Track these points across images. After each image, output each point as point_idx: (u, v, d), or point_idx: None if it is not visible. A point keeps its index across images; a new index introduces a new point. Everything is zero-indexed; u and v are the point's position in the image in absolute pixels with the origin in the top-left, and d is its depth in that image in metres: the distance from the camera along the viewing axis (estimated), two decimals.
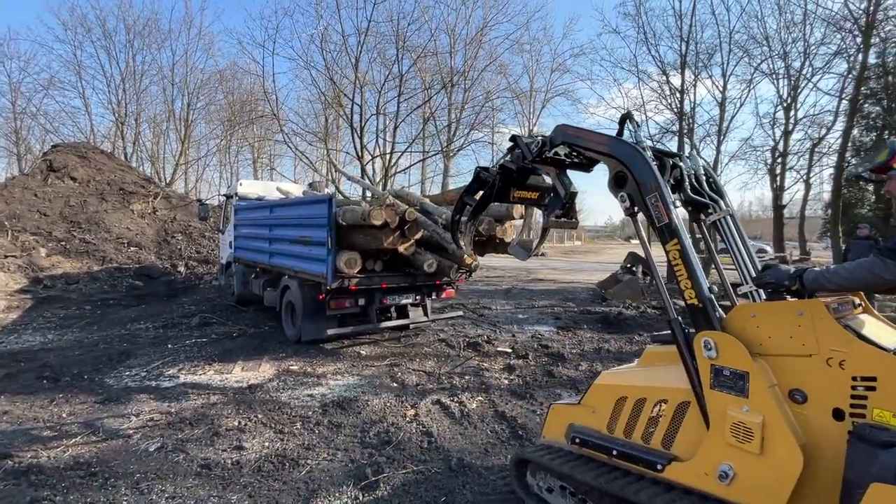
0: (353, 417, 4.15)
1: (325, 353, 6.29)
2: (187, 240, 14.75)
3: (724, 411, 1.83)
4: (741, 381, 1.80)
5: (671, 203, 2.01)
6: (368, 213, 5.00)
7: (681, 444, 2.03)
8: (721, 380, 1.85)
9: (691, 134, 16.63)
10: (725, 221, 2.24)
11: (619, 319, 8.76)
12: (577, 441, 2.35)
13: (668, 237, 1.98)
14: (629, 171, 2.08)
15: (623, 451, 2.17)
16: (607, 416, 2.30)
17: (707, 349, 1.88)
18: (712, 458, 1.86)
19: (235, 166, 35.58)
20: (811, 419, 1.71)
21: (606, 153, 2.18)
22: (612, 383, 2.39)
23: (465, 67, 20.68)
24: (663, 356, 2.28)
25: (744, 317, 1.89)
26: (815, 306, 1.73)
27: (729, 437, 1.81)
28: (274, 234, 7.33)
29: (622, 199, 2.13)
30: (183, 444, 3.59)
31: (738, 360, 1.81)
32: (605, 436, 2.29)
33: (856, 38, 14.67)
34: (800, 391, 1.74)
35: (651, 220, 2.03)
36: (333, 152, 22.19)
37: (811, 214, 23.54)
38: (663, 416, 2.11)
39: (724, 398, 1.84)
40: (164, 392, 4.75)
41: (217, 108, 30.24)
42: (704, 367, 1.90)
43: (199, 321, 7.91)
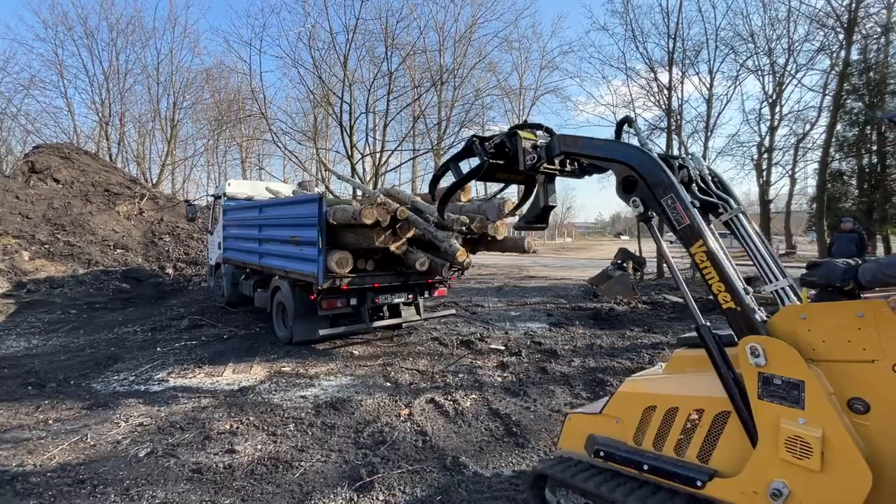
0: (346, 418, 4.12)
1: (318, 353, 6.24)
2: (175, 241, 14.55)
3: (776, 424, 1.67)
4: (795, 391, 1.65)
5: (689, 203, 1.89)
6: (359, 212, 4.96)
7: (720, 459, 1.87)
8: (771, 389, 1.70)
9: (679, 131, 16.79)
10: (738, 220, 2.12)
11: (611, 315, 8.84)
12: (601, 454, 2.18)
13: (691, 239, 1.85)
14: (638, 175, 1.98)
15: (656, 466, 2.00)
16: (634, 427, 2.13)
17: (754, 356, 1.72)
18: (763, 474, 1.71)
19: (223, 166, 35.24)
20: (874, 430, 1.58)
21: (612, 158, 2.09)
22: (639, 391, 2.21)
23: (454, 65, 20.66)
24: (694, 361, 2.10)
25: (793, 319, 1.71)
26: (878, 307, 1.58)
27: (783, 452, 1.65)
28: (264, 234, 7.26)
29: (634, 203, 2.00)
30: (173, 448, 3.53)
31: (792, 367, 1.65)
32: (633, 448, 2.12)
33: (838, 35, 14.92)
34: (861, 400, 1.60)
35: (670, 223, 1.90)
36: (323, 151, 22.02)
37: (796, 209, 23.96)
38: (700, 427, 1.95)
39: (776, 409, 1.68)
40: (153, 396, 4.68)
41: (204, 108, 29.92)
42: (751, 376, 1.74)
43: (188, 323, 7.80)
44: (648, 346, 6.65)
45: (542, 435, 3.81)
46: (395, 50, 17.63)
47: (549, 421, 4.11)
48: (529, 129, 2.38)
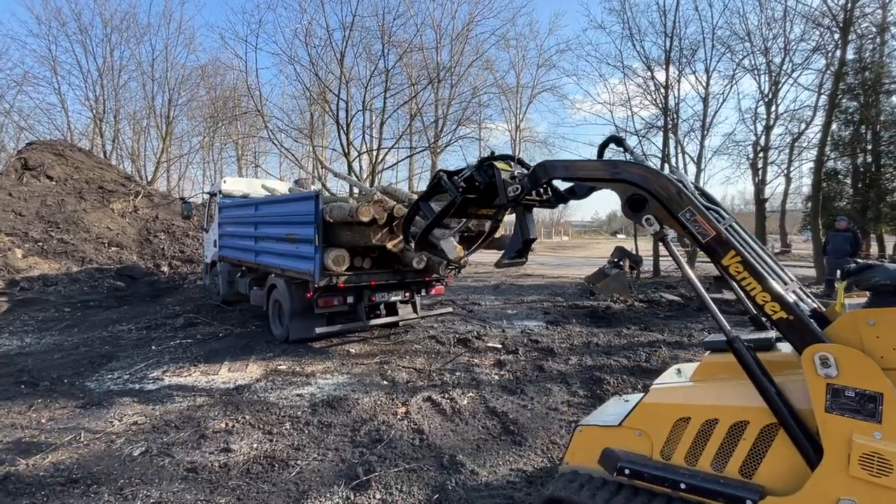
0: (343, 416, 4.10)
1: (314, 352, 6.22)
2: (170, 239, 14.46)
3: (847, 439, 1.57)
4: (871, 404, 1.55)
5: (709, 213, 1.80)
6: (356, 210, 4.93)
7: (767, 474, 1.76)
8: (842, 402, 1.59)
9: (676, 129, 16.82)
10: (733, 228, 2.06)
11: (608, 313, 8.85)
12: (626, 472, 1.99)
13: (721, 251, 1.75)
14: (648, 192, 1.87)
15: (695, 485, 1.83)
16: (662, 440, 1.97)
17: (825, 366, 1.61)
18: (829, 492, 1.60)
19: (219, 164, 34.99)
20: None
21: (612, 179, 1.98)
22: (668, 402, 2.04)
23: (451, 63, 20.62)
24: (727, 368, 1.96)
25: (858, 326, 1.61)
26: None
27: (855, 469, 1.55)
28: (260, 232, 7.22)
29: (648, 222, 1.89)
30: (168, 447, 3.50)
31: (869, 378, 1.55)
32: (664, 465, 1.95)
33: (833, 35, 14.97)
34: None
35: (693, 236, 1.79)
36: (319, 149, 21.94)
37: (791, 208, 24.08)
38: (744, 440, 1.82)
39: (848, 423, 1.58)
40: (148, 395, 4.64)
41: (199, 105, 29.66)
42: (818, 388, 1.63)
43: (183, 322, 7.76)
44: (645, 344, 6.65)
45: (540, 433, 3.80)
46: (391, 47, 17.59)
47: (547, 419, 4.10)
48: (500, 159, 2.31)
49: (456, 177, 2.32)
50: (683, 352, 6.22)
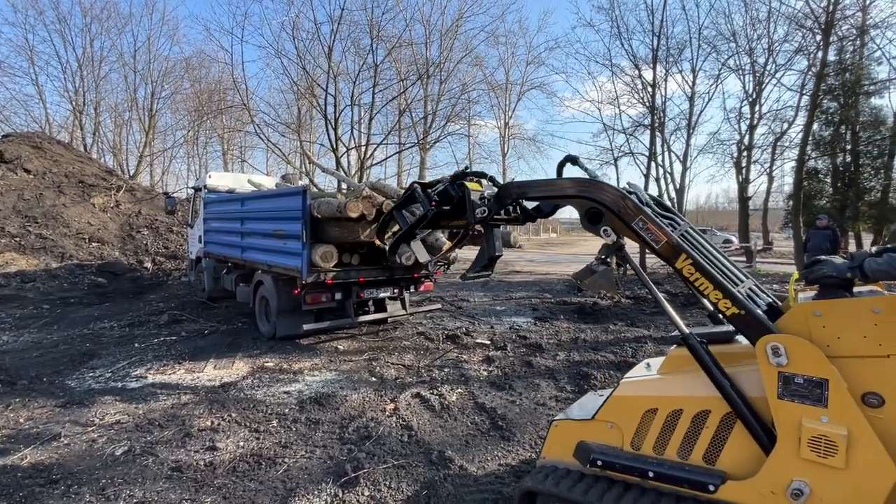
0: (331, 413, 4.07)
1: (302, 348, 6.16)
2: (154, 235, 14.19)
3: (798, 423, 1.67)
4: (818, 389, 1.65)
5: (661, 221, 1.94)
6: (344, 206, 4.89)
7: (729, 460, 1.85)
8: (792, 388, 1.70)
9: (662, 128, 17.01)
10: (689, 234, 2.17)
11: (595, 310, 8.94)
12: (599, 463, 2.08)
13: (673, 255, 1.87)
14: (603, 205, 2.01)
15: (662, 473, 1.93)
16: (631, 432, 2.07)
17: (776, 355, 1.71)
18: (782, 475, 1.70)
19: (204, 158, 34.46)
20: (889, 423, 1.61)
21: (572, 195, 2.12)
22: (637, 394, 2.13)
23: (440, 58, 20.53)
24: (691, 361, 2.03)
25: (806, 316, 1.72)
26: (894, 302, 1.60)
27: (805, 451, 1.65)
28: (246, 227, 7.12)
29: (605, 233, 2.03)
30: (152, 446, 3.44)
31: (815, 365, 1.65)
32: (633, 455, 2.05)
33: (815, 37, 15.27)
34: (876, 394, 1.62)
35: (647, 244, 1.92)
36: (307, 144, 21.70)
37: (773, 206, 24.59)
38: (707, 428, 1.92)
39: (797, 408, 1.68)
40: (130, 393, 4.55)
41: (183, 98, 29.18)
42: (771, 376, 1.73)
43: (167, 319, 7.63)
44: (631, 339, 6.73)
45: (528, 428, 3.83)
46: (380, 42, 17.45)
47: (535, 414, 4.13)
48: (473, 176, 2.38)
49: (430, 189, 2.36)
50: (668, 347, 6.30)
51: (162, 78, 27.43)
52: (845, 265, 1.75)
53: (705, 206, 63.97)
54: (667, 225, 2.07)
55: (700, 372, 1.89)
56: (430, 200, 2.35)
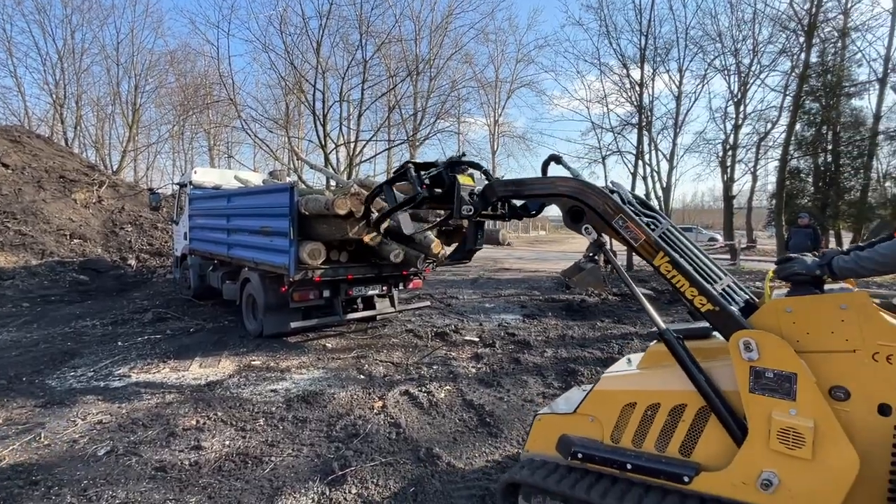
0: (318, 411, 4.05)
1: (289, 346, 6.12)
2: (138, 231, 13.94)
3: (768, 416, 1.73)
4: (787, 383, 1.71)
5: (641, 220, 1.99)
6: (332, 202, 4.85)
7: (704, 453, 1.91)
8: (763, 383, 1.75)
9: (650, 127, 17.19)
10: (670, 232, 2.21)
11: (583, 307, 9.02)
12: (579, 456, 2.13)
13: (652, 252, 1.92)
14: (584, 204, 2.05)
15: (640, 465, 1.99)
16: (611, 425, 2.12)
17: (748, 350, 1.76)
18: (752, 466, 1.76)
19: (190, 154, 33.92)
20: (854, 416, 1.66)
21: (553, 194, 2.17)
22: (617, 388, 2.18)
23: (430, 55, 20.46)
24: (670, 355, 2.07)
25: (777, 313, 1.78)
26: (860, 299, 1.66)
27: (774, 443, 1.71)
28: (232, 224, 7.03)
29: (587, 231, 2.07)
30: (135, 446, 3.39)
31: (785, 360, 1.71)
32: (612, 448, 2.10)
33: (799, 38, 15.56)
34: (842, 388, 1.68)
35: (626, 242, 1.97)
36: (295, 140, 21.48)
37: (756, 205, 25.00)
38: (682, 421, 1.97)
39: (767, 402, 1.74)
40: (113, 392, 4.47)
41: (168, 92, 28.61)
42: (743, 370, 1.79)
43: (152, 317, 7.51)
44: (618, 336, 6.81)
45: (515, 424, 3.85)
46: (369, 38, 17.31)
47: (523, 411, 4.16)
48: (468, 166, 2.39)
49: (423, 171, 2.36)
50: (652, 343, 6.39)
51: (146, 71, 26.85)
52: (814, 263, 1.81)
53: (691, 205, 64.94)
54: (648, 224, 2.12)
55: (677, 367, 1.93)
56: (421, 183, 2.35)
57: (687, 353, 1.91)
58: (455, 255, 2.65)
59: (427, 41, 21.49)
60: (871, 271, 1.71)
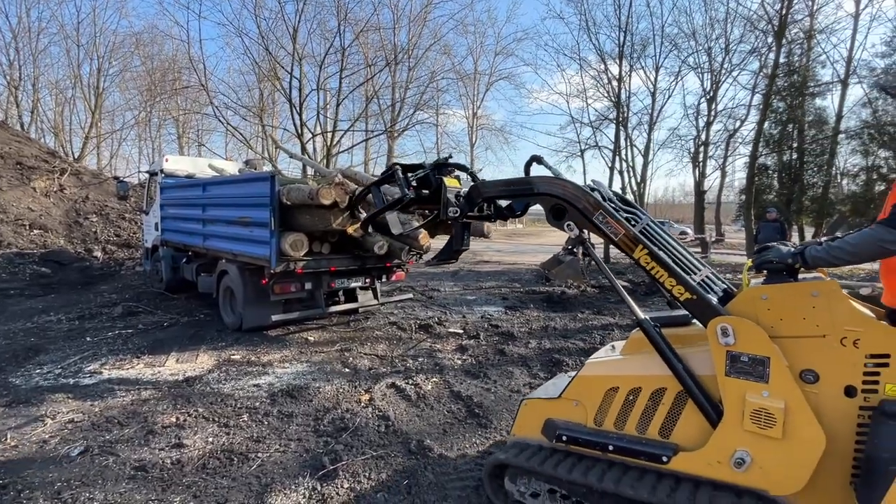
0: (304, 406, 3.97)
1: (270, 340, 5.97)
2: (104, 221, 13.30)
3: (742, 398, 1.81)
4: (761, 367, 1.79)
5: (618, 214, 2.06)
6: (317, 192, 4.72)
7: (682, 434, 1.99)
8: (738, 366, 1.84)
9: (626, 122, 17.47)
10: (650, 227, 2.29)
11: (563, 298, 9.14)
12: (563, 438, 2.21)
13: (631, 246, 2.00)
14: (566, 202, 2.12)
15: (621, 446, 2.08)
16: (594, 409, 2.19)
17: (724, 336, 1.84)
18: (726, 445, 1.84)
19: (157, 142, 32.52)
20: (822, 398, 1.75)
21: (537, 193, 2.24)
22: (600, 374, 2.26)
23: (409, 45, 20.18)
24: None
25: (753, 300, 1.86)
26: (830, 287, 1.74)
27: (748, 423, 1.79)
28: (208, 214, 6.78)
29: (569, 227, 2.16)
30: (111, 445, 3.24)
31: (759, 345, 1.79)
32: (595, 430, 2.18)
33: (767, 39, 16.07)
34: (811, 371, 1.77)
35: (606, 236, 2.05)
36: (270, 128, 20.89)
37: (725, 200, 25.90)
38: (662, 404, 2.05)
39: (742, 385, 1.82)
40: (84, 390, 4.26)
41: (134, 76, 27.28)
42: (720, 355, 1.87)
43: (122, 311, 7.19)
44: (599, 327, 6.94)
45: (504, 415, 3.87)
46: (347, 25, 16.93)
47: (510, 401, 4.18)
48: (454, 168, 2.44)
49: (410, 173, 2.40)
50: None
51: (109, 54, 25.47)
52: (788, 252, 1.90)
53: (663, 200, 66.67)
54: (628, 219, 2.21)
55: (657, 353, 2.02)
56: (408, 184, 2.38)
57: (664, 339, 1.99)
58: (442, 256, 2.66)
59: (406, 31, 21.18)
60: (842, 261, 1.80)
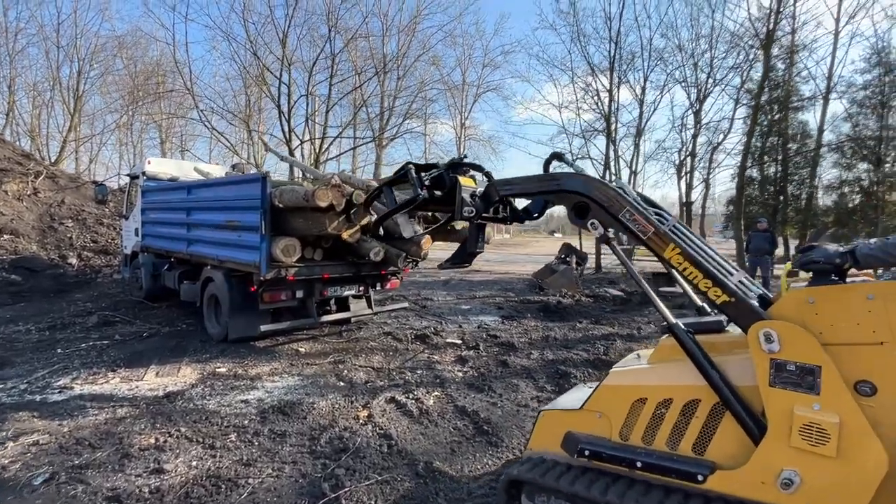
0: (298, 424, 3.65)
1: (258, 352, 5.62)
2: (80, 227, 12.71)
3: (789, 411, 1.64)
4: (811, 377, 1.62)
5: (647, 211, 1.94)
6: (312, 194, 4.45)
7: (717, 450, 1.82)
8: (784, 376, 1.66)
9: (614, 134, 17.60)
10: (678, 228, 2.17)
11: (559, 308, 8.97)
12: (586, 453, 2.03)
13: (661, 245, 1.88)
14: (590, 199, 2.02)
15: (651, 463, 1.90)
16: (620, 422, 2.02)
17: (768, 342, 1.67)
18: (772, 464, 1.67)
19: (139, 147, 31.65)
20: (881, 412, 1.57)
21: (557, 190, 2.14)
22: (626, 384, 2.09)
23: (398, 54, 20.10)
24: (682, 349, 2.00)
25: (799, 303, 1.69)
26: (888, 289, 1.57)
27: (796, 440, 1.62)
28: (193, 218, 6.43)
29: (593, 226, 2.04)
30: (81, 471, 2.88)
31: (808, 352, 1.62)
32: (621, 445, 2.01)
33: (748, 55, 16.43)
34: (868, 383, 1.59)
35: (634, 235, 1.93)
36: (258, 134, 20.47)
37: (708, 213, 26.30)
38: (696, 418, 1.88)
39: (789, 396, 1.65)
40: (53, 408, 3.87)
41: (115, 79, 26.59)
42: (763, 363, 1.70)
43: (97, 320, 6.75)
44: (599, 337, 6.75)
45: (514, 432, 3.62)
46: (337, 33, 16.77)
47: (518, 416, 3.93)
48: (469, 168, 2.37)
49: (424, 173, 2.31)
50: (636, 344, 6.36)
51: (90, 56, 24.79)
52: (836, 252, 1.74)
53: None
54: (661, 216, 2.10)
55: (689, 361, 1.87)
56: (422, 184, 2.29)
57: (698, 346, 1.84)
58: (455, 259, 2.53)
59: (395, 40, 21.13)
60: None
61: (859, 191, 16.74)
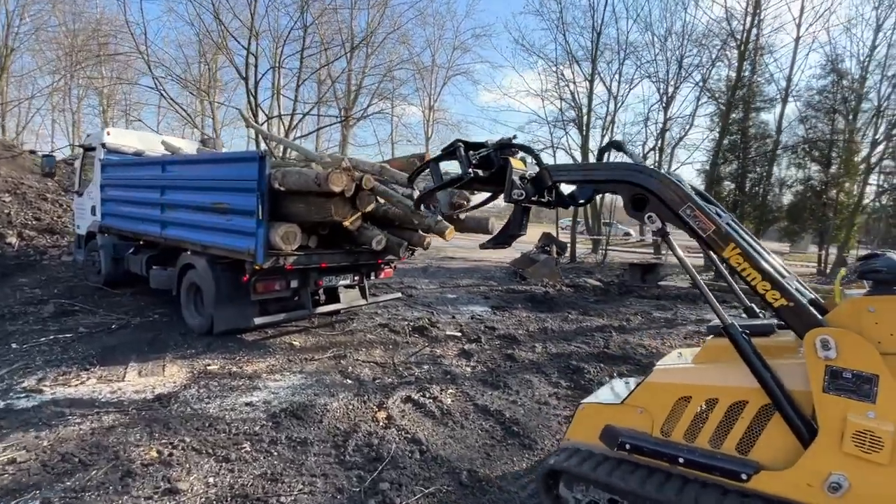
0: (315, 429, 3.36)
1: (248, 346, 5.20)
2: (19, 202, 11.36)
3: (843, 418, 1.66)
4: (867, 385, 1.64)
5: (709, 209, 1.91)
6: (325, 177, 4.06)
7: (763, 451, 1.84)
8: (839, 383, 1.68)
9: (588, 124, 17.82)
10: (733, 226, 2.12)
11: (546, 298, 8.99)
12: (627, 447, 2.07)
13: (721, 244, 1.85)
14: (649, 191, 1.98)
15: (693, 460, 1.92)
16: (662, 418, 2.06)
17: (825, 349, 1.68)
18: (820, 467, 1.69)
19: (77, 115, 28.81)
20: None
21: (615, 180, 2.12)
22: (671, 381, 2.13)
23: (367, 30, 19.23)
24: (729, 351, 2.01)
25: (858, 312, 1.69)
26: None
27: (849, 445, 1.64)
28: (168, 198, 5.81)
29: (650, 219, 1.99)
30: (77, 496, 2.48)
31: (867, 361, 1.63)
32: (664, 441, 2.04)
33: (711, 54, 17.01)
34: None
35: (693, 232, 1.89)
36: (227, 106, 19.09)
37: None
38: (742, 418, 1.90)
39: (843, 403, 1.67)
40: (22, 416, 3.35)
41: (50, 38, 23.90)
42: (817, 369, 1.71)
43: (54, 309, 6.02)
44: (594, 329, 6.80)
45: (543, 433, 3.51)
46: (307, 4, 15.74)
47: (542, 415, 3.84)
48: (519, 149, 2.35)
49: (473, 151, 2.28)
50: (631, 336, 6.45)
51: (20, 9, 22.11)
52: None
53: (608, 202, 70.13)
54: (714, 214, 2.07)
55: (738, 363, 1.88)
56: (470, 163, 2.25)
57: (753, 349, 1.84)
58: (498, 240, 2.51)
59: (365, 14, 20.16)
60: None
61: (810, 191, 17.91)
